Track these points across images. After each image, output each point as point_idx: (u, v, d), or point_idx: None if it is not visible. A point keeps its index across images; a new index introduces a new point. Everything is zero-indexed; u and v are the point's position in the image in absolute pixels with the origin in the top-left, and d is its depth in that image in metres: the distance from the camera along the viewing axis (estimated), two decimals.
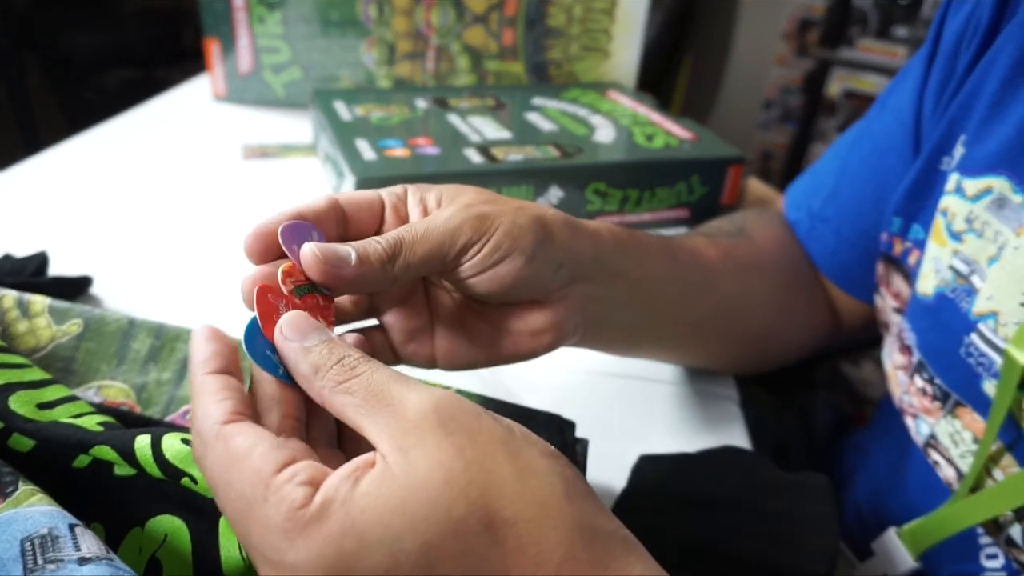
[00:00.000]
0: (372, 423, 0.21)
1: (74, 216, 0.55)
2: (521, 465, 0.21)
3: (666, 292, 0.37)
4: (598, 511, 0.21)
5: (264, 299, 0.25)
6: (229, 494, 0.21)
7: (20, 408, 0.26)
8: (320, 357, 0.23)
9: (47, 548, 0.20)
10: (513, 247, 0.29)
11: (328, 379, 0.23)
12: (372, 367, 0.23)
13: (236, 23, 0.73)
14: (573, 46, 0.79)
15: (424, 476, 0.20)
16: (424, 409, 0.21)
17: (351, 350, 0.24)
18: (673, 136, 0.62)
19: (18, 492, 0.23)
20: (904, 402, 0.40)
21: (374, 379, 0.22)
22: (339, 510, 0.19)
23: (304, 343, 0.24)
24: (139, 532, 0.26)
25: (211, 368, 0.24)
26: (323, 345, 0.24)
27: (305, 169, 0.65)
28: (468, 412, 0.22)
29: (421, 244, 0.28)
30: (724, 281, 0.41)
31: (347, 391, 0.22)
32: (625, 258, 0.34)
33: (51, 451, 0.26)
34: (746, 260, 0.43)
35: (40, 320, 0.33)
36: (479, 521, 0.19)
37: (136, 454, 0.26)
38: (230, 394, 0.23)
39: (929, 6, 1.34)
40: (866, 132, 0.47)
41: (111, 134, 0.71)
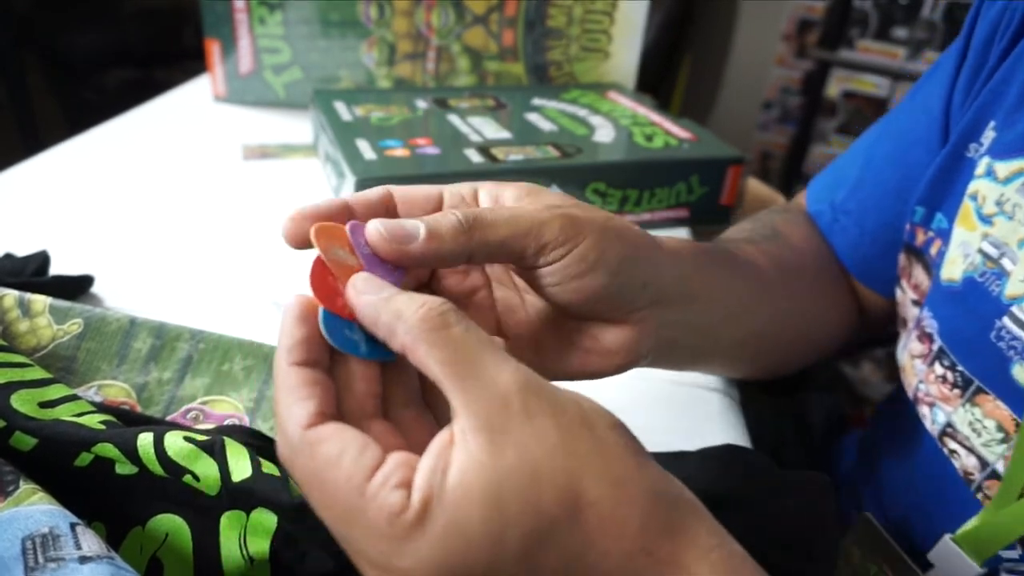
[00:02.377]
0: (456, 389, 0.21)
1: (75, 216, 0.55)
2: (597, 442, 0.21)
3: (731, 311, 0.36)
4: (662, 476, 0.22)
5: (324, 282, 0.24)
6: (323, 500, 0.21)
7: (22, 407, 0.26)
8: (402, 303, 0.22)
9: (48, 547, 0.20)
10: (600, 260, 0.28)
11: (413, 324, 0.21)
12: (464, 323, 0.22)
13: (237, 24, 0.73)
14: (573, 47, 0.79)
15: (513, 466, 0.19)
16: (511, 388, 0.20)
17: (437, 298, 0.22)
18: (673, 136, 0.63)
19: (19, 491, 0.23)
20: (920, 391, 0.40)
21: (465, 339, 0.21)
22: (438, 510, 0.19)
23: (381, 294, 0.23)
24: (140, 531, 0.26)
25: (295, 358, 0.23)
26: (399, 293, 0.23)
27: (305, 169, 0.65)
28: (549, 393, 0.21)
29: (504, 226, 0.26)
30: (775, 291, 0.40)
31: (434, 343, 0.21)
32: (701, 280, 0.33)
33: (53, 449, 0.26)
34: (789, 266, 0.43)
35: (41, 319, 0.33)
36: (566, 507, 0.20)
37: (139, 451, 0.26)
38: (313, 390, 0.22)
39: (929, 7, 1.34)
40: (892, 125, 0.47)
41: (111, 134, 0.71)
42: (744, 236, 0.45)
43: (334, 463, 0.20)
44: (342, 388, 0.23)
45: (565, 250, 0.27)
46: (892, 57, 1.40)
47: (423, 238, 0.25)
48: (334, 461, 0.20)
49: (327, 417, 0.22)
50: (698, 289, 0.33)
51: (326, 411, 0.22)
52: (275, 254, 0.52)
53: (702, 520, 0.22)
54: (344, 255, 0.25)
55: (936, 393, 0.38)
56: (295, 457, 0.21)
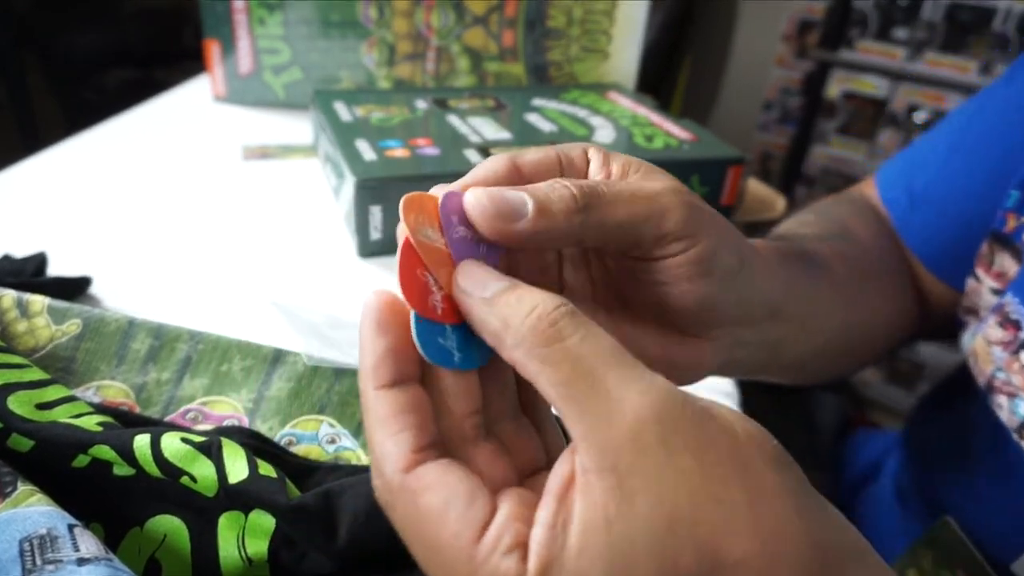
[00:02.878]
0: (576, 416, 0.17)
1: (74, 216, 0.55)
2: (751, 485, 0.17)
3: (806, 325, 0.33)
4: (824, 519, 0.18)
5: (413, 275, 0.20)
6: (427, 556, 0.19)
7: (19, 408, 0.26)
8: (509, 307, 0.19)
9: (46, 548, 0.20)
10: (714, 267, 0.24)
11: (523, 337, 0.18)
12: (582, 330, 0.18)
13: (236, 24, 0.73)
14: (573, 47, 0.79)
15: (646, 518, 0.16)
16: (644, 415, 0.17)
17: (550, 298, 0.19)
18: (673, 137, 0.62)
19: (17, 492, 0.23)
20: (998, 380, 0.38)
21: (584, 352, 0.18)
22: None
23: (485, 292, 0.19)
24: (138, 532, 0.26)
25: (383, 380, 0.19)
26: (509, 292, 0.19)
27: (305, 170, 0.65)
28: (693, 419, 0.18)
29: (625, 205, 0.23)
30: (848, 299, 0.38)
31: (546, 360, 0.18)
32: (785, 294, 0.31)
33: (50, 451, 0.26)
34: (860, 269, 0.41)
35: (39, 320, 0.33)
36: (707, 566, 0.16)
37: (135, 453, 0.26)
38: (408, 419, 0.19)
39: (929, 8, 1.34)
40: (988, 105, 0.44)
41: (111, 134, 0.71)
42: (814, 233, 0.42)
43: (439, 517, 0.18)
44: (439, 408, 0.20)
45: (684, 245, 0.24)
46: (892, 58, 1.41)
47: (532, 215, 0.21)
48: (439, 514, 0.18)
49: (427, 452, 0.19)
50: (781, 304, 0.30)
51: (425, 443, 0.19)
52: (275, 255, 0.52)
53: (868, 567, 0.19)
54: (433, 235, 0.21)
55: (1020, 383, 0.36)
56: (395, 502, 0.19)
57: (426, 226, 0.21)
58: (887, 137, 1.45)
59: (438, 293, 0.20)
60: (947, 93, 1.37)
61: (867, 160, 1.49)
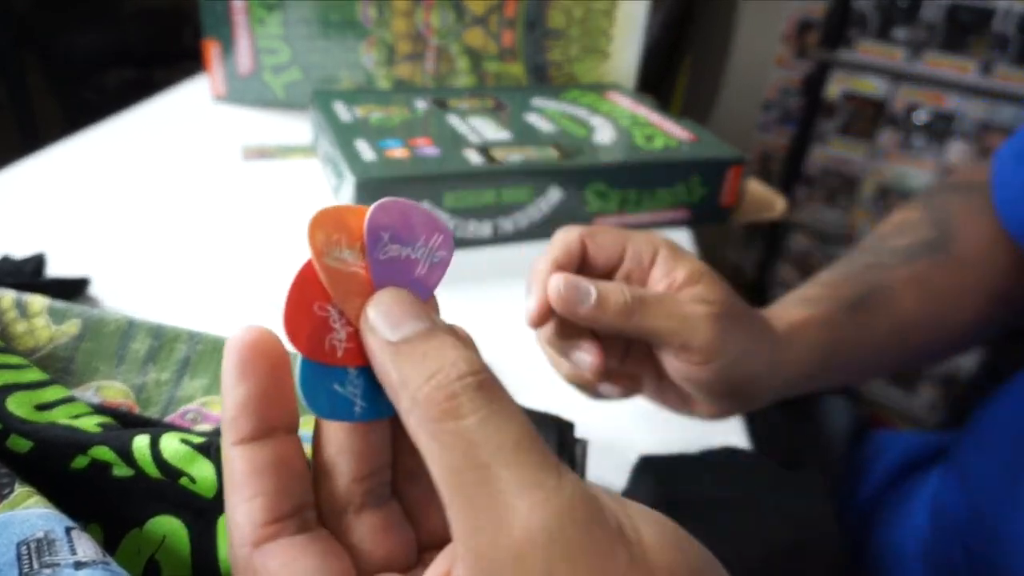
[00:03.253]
0: (459, 512, 0.15)
1: (73, 216, 0.55)
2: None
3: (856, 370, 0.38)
4: None
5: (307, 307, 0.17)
6: None
7: (18, 409, 0.26)
8: (411, 362, 0.16)
9: (43, 552, 0.20)
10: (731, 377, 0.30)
11: (416, 404, 0.15)
12: (484, 411, 0.15)
13: (236, 24, 0.73)
14: (573, 47, 0.79)
15: None
16: (534, 532, 0.14)
17: (460, 362, 0.16)
18: (673, 137, 0.62)
19: (15, 494, 0.23)
20: None
21: (480, 438, 0.15)
22: None
23: (393, 334, 0.16)
24: (137, 533, 0.26)
25: (240, 434, 0.17)
26: (418, 342, 0.16)
27: (305, 170, 0.65)
28: (595, 545, 0.14)
29: (661, 319, 0.29)
30: (917, 330, 0.40)
31: (436, 437, 0.15)
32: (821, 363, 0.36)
33: (49, 452, 0.26)
34: (944, 292, 0.41)
35: (38, 320, 0.33)
36: None
37: (134, 454, 0.25)
38: (265, 483, 0.16)
39: (929, 8, 1.34)
40: None
41: (110, 134, 0.71)
42: (903, 246, 0.43)
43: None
44: (323, 467, 0.18)
45: (702, 358, 0.30)
46: (892, 58, 1.40)
47: (591, 305, 0.28)
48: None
49: (284, 524, 0.16)
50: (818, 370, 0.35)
51: (283, 512, 0.16)
52: (274, 255, 0.52)
53: None
54: (349, 257, 0.18)
55: None
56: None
57: (340, 247, 0.17)
58: (887, 137, 1.45)
59: (342, 330, 0.17)
60: (947, 93, 1.37)
61: (867, 160, 1.49)
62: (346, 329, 0.17)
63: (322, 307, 0.17)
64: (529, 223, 0.56)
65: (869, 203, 1.51)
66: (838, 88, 1.48)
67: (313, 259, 0.17)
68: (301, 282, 0.17)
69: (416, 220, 0.19)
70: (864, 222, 1.53)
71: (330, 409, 0.17)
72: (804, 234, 1.62)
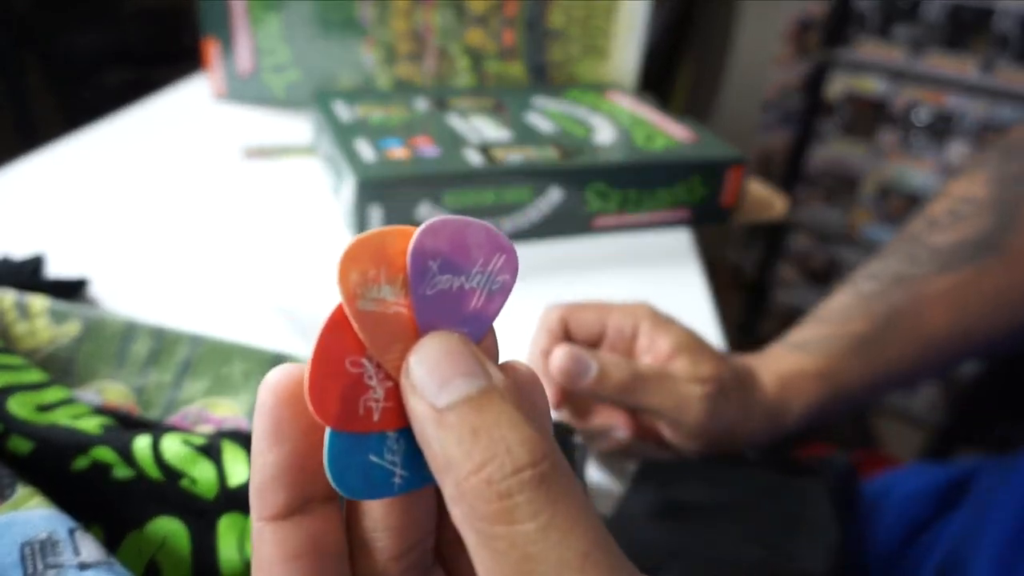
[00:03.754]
0: None
1: (72, 216, 0.55)
2: None
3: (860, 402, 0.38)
4: None
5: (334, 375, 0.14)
6: None
7: (19, 410, 0.26)
8: (459, 442, 0.13)
9: (47, 553, 0.20)
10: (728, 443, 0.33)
11: (462, 495, 0.13)
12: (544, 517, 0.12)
13: (235, 24, 0.73)
14: (573, 47, 0.79)
15: None
16: None
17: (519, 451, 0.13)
18: (673, 137, 0.62)
19: (17, 495, 0.23)
20: None
21: (537, 552, 0.12)
22: None
23: (439, 397, 0.13)
24: (138, 534, 0.26)
25: (272, 509, 0.14)
26: (470, 408, 0.13)
27: (305, 169, 0.65)
28: None
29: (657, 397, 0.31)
30: (946, 347, 0.38)
31: (485, 540, 0.13)
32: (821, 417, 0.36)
33: (50, 453, 0.26)
34: (989, 293, 0.38)
35: (39, 321, 0.33)
36: None
37: (135, 454, 0.25)
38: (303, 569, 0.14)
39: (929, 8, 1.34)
40: None
41: (110, 134, 0.71)
42: (951, 245, 0.39)
43: None
44: (358, 544, 0.15)
45: (693, 435, 0.31)
46: (892, 57, 1.40)
47: (592, 378, 0.29)
48: None
49: None
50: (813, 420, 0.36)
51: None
52: (274, 255, 0.52)
53: None
54: (390, 296, 0.14)
55: None
56: None
57: (379, 285, 0.14)
58: (887, 136, 1.45)
59: (380, 387, 0.14)
60: (948, 92, 1.37)
61: (867, 159, 1.49)
62: (384, 385, 0.14)
63: (356, 362, 0.14)
64: (529, 223, 0.56)
65: (869, 202, 1.51)
66: (838, 88, 1.48)
67: (344, 304, 0.14)
68: (331, 333, 0.14)
69: (472, 241, 0.15)
70: (865, 221, 1.53)
71: (366, 487, 0.14)
72: (804, 234, 1.62)
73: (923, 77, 1.39)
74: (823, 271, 1.62)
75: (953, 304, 0.38)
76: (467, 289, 0.15)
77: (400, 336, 0.14)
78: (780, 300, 1.69)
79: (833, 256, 1.59)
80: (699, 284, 0.54)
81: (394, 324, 0.14)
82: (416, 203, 0.51)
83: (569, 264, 0.55)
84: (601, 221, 0.59)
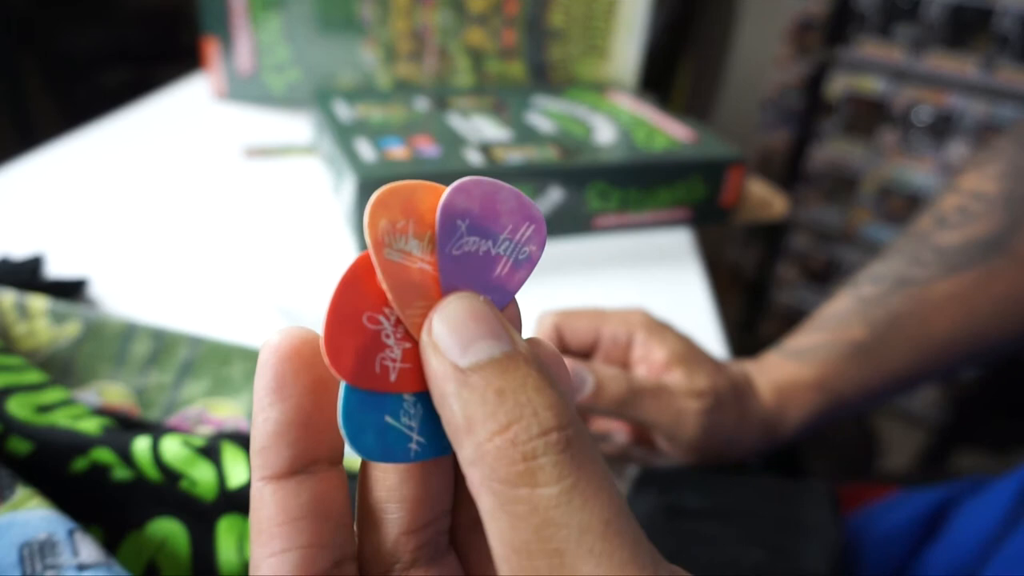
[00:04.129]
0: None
1: (72, 216, 0.55)
2: None
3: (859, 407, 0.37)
4: None
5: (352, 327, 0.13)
6: None
7: (19, 411, 0.26)
8: (483, 401, 0.12)
9: (46, 554, 0.20)
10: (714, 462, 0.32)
11: (482, 457, 0.12)
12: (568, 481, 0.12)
13: (235, 23, 0.73)
14: (573, 47, 0.79)
15: None
16: None
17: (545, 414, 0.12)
18: (673, 136, 0.62)
19: (16, 496, 0.22)
20: None
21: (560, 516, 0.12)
22: None
23: (463, 356, 0.13)
24: (137, 535, 0.26)
25: (273, 468, 0.14)
26: (495, 369, 0.13)
27: (305, 169, 0.65)
28: None
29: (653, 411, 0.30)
30: (951, 351, 0.37)
31: (503, 504, 0.12)
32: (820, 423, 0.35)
33: (49, 454, 0.26)
34: (998, 296, 0.36)
35: (39, 322, 0.33)
36: None
37: (135, 455, 0.25)
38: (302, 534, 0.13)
39: (929, 8, 1.34)
40: None
41: (109, 133, 0.70)
42: (958, 246, 0.37)
43: None
44: (366, 516, 0.15)
45: (689, 449, 0.31)
46: (893, 57, 1.40)
47: (588, 392, 0.28)
48: None
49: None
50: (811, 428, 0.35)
51: (319, 570, 0.13)
52: (274, 254, 0.52)
53: None
54: (416, 250, 0.14)
55: None
56: None
57: (407, 236, 0.14)
58: (887, 136, 1.45)
59: (397, 347, 0.14)
60: (948, 92, 1.37)
61: (868, 159, 1.49)
62: (402, 346, 0.14)
63: (373, 318, 0.14)
64: None
65: (869, 202, 1.51)
66: (839, 87, 1.48)
67: (371, 250, 0.13)
68: (350, 285, 0.13)
69: (503, 206, 0.15)
70: (864, 221, 1.53)
71: (381, 449, 0.13)
72: (804, 234, 1.62)
73: (923, 77, 1.39)
74: (823, 271, 1.62)
75: (960, 308, 0.36)
76: (493, 255, 0.15)
77: (423, 293, 0.14)
78: (780, 300, 1.69)
79: (833, 256, 1.59)
80: (699, 284, 0.54)
81: (418, 279, 0.14)
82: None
83: (569, 264, 0.55)
84: (601, 221, 0.59)
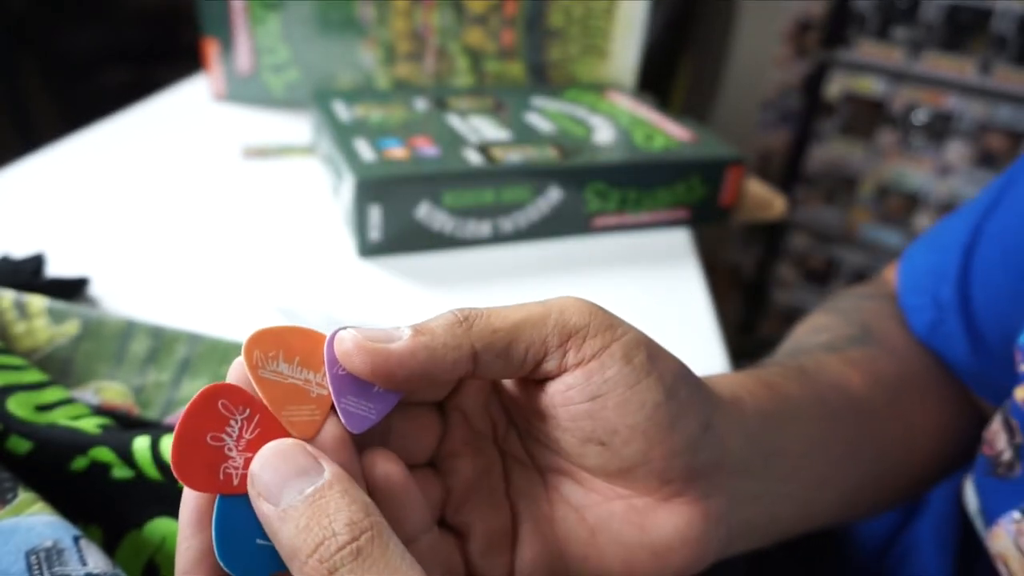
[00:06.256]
0: None
1: (72, 216, 0.55)
2: None
3: (827, 461, 0.28)
4: None
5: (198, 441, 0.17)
6: None
7: (19, 410, 0.26)
8: (297, 533, 0.15)
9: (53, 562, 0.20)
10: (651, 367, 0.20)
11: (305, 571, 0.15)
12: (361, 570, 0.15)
13: (235, 23, 0.73)
14: (572, 47, 0.79)
15: None
16: None
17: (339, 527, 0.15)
18: (672, 136, 0.62)
19: (18, 499, 0.22)
20: None
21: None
22: None
23: (281, 503, 0.16)
24: (137, 534, 0.26)
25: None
26: (303, 504, 0.16)
27: (305, 169, 0.65)
28: None
29: (514, 312, 0.20)
30: (878, 420, 0.32)
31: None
32: (778, 428, 0.26)
33: (49, 453, 0.26)
34: (891, 380, 0.33)
35: (38, 321, 0.33)
36: None
37: (135, 455, 0.25)
38: None
39: (929, 8, 1.34)
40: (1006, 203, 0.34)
41: (109, 133, 0.71)
42: (824, 341, 0.35)
43: None
44: None
45: (601, 342, 0.20)
46: (891, 58, 1.40)
47: (409, 335, 0.19)
48: None
49: None
50: (778, 443, 0.25)
51: None
52: (274, 254, 0.52)
53: None
54: (286, 370, 0.18)
55: None
56: None
57: (278, 360, 0.18)
58: (886, 137, 1.45)
59: (240, 456, 0.17)
60: (946, 93, 1.37)
61: (866, 160, 1.49)
62: (244, 456, 0.17)
63: (216, 437, 0.17)
64: (529, 223, 0.56)
65: (868, 202, 1.51)
66: (838, 88, 1.48)
67: (248, 372, 0.18)
68: (192, 415, 0.17)
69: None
70: (864, 221, 1.53)
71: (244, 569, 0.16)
72: (803, 234, 1.62)
73: (922, 78, 1.39)
74: (822, 271, 1.62)
75: (862, 370, 0.32)
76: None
77: (294, 400, 0.18)
78: (779, 300, 1.69)
79: (832, 256, 1.60)
80: (698, 284, 0.54)
81: (290, 390, 0.18)
82: (415, 203, 0.51)
83: (568, 264, 0.55)
84: (600, 221, 0.59)
